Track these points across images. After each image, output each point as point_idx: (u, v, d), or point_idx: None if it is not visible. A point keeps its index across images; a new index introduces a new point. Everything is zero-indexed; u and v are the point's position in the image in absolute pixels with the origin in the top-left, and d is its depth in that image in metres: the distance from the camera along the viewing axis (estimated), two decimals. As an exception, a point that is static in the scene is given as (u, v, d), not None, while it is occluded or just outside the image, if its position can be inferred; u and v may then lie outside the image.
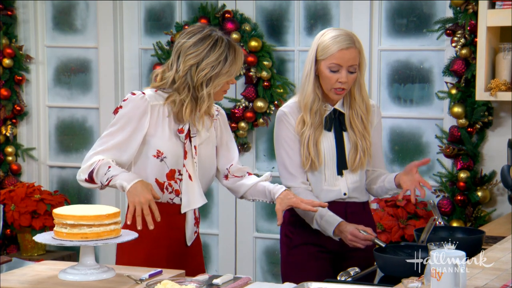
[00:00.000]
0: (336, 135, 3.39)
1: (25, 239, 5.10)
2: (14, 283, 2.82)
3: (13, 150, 5.40)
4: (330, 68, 3.29)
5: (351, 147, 3.39)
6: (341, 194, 3.41)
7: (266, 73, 4.85)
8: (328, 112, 3.39)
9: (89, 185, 3.11)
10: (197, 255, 3.32)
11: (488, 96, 4.26)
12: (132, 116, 3.13)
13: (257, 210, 5.10)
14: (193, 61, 3.12)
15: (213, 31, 3.17)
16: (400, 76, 4.77)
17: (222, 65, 3.12)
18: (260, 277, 5.12)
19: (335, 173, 3.39)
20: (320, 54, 3.31)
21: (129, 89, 5.24)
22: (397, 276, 2.86)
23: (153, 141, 3.14)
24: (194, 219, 3.26)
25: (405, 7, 4.72)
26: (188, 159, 3.18)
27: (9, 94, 5.32)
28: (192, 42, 3.13)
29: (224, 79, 3.13)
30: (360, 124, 3.39)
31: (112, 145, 3.12)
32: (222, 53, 3.12)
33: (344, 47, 3.28)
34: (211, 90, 3.13)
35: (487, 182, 4.52)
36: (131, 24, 5.23)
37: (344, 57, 3.28)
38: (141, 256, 3.17)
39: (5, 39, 5.31)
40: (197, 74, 3.11)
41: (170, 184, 3.17)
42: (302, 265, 3.43)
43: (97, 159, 3.08)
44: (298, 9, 4.92)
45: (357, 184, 3.41)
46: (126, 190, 3.01)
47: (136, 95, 3.15)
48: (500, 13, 4.21)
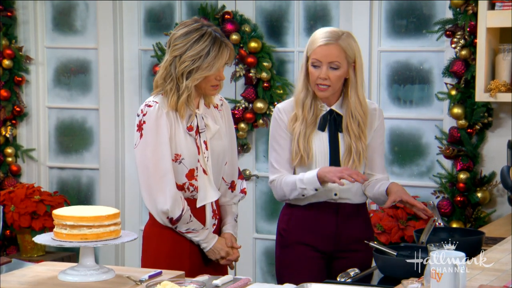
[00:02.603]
0: (330, 135, 3.40)
1: (24, 240, 5.10)
2: (14, 284, 2.82)
3: (12, 151, 5.39)
4: (313, 63, 3.34)
5: (345, 149, 3.38)
6: (331, 194, 3.40)
7: (266, 74, 4.85)
8: (324, 112, 3.40)
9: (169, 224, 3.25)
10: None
11: (488, 97, 4.26)
12: (158, 124, 3.17)
13: (257, 211, 5.10)
14: (177, 52, 3.17)
15: (205, 26, 3.20)
16: (400, 77, 4.77)
17: (203, 59, 3.15)
18: (260, 278, 5.12)
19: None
20: (308, 51, 3.37)
21: (129, 90, 5.24)
22: (396, 277, 2.86)
23: (172, 145, 3.18)
24: (212, 212, 3.31)
25: (405, 8, 4.72)
26: (200, 155, 3.23)
27: (8, 95, 5.32)
28: (180, 34, 3.19)
29: (204, 73, 3.16)
30: (356, 127, 3.38)
31: (167, 157, 3.18)
32: (205, 47, 3.15)
33: (322, 43, 3.32)
34: (190, 83, 3.17)
35: (487, 183, 4.52)
36: (131, 25, 5.23)
37: (322, 52, 3.31)
38: (165, 251, 3.24)
39: (5, 40, 5.31)
40: (179, 65, 3.17)
41: (191, 183, 3.25)
42: (294, 265, 3.43)
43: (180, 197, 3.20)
44: (298, 10, 4.92)
45: (349, 186, 3.38)
46: (206, 250, 3.30)
47: (152, 106, 3.18)
48: (500, 14, 4.21)
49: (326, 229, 3.41)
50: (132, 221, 5.22)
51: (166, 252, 3.24)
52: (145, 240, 3.29)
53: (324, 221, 3.41)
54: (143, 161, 3.18)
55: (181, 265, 3.18)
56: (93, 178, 5.41)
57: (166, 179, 3.15)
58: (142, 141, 3.18)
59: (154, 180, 3.15)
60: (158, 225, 3.23)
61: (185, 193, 3.23)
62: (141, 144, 3.18)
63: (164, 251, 3.24)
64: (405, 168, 4.76)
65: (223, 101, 3.40)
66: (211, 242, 3.27)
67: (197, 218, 3.26)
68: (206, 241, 3.26)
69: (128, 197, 5.29)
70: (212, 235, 3.29)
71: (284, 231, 3.47)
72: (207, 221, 3.30)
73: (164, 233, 3.23)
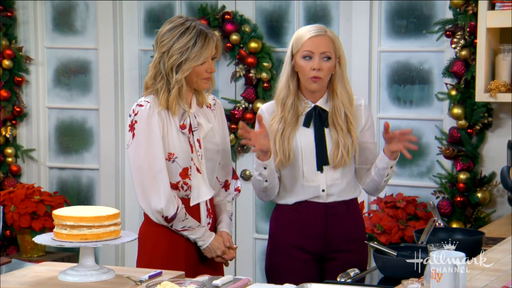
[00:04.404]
0: (316, 131, 3.40)
1: (24, 240, 5.10)
2: (14, 284, 2.82)
3: (12, 151, 5.39)
4: (303, 56, 3.36)
5: (332, 143, 3.39)
6: (319, 190, 3.40)
7: (266, 74, 4.85)
8: (309, 109, 3.41)
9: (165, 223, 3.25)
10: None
11: (488, 97, 4.26)
12: (150, 123, 3.17)
13: (257, 211, 5.10)
14: (165, 48, 3.21)
15: (189, 21, 3.25)
16: (400, 77, 4.77)
17: (190, 50, 3.18)
18: (260, 278, 5.11)
19: (315, 169, 3.39)
20: (294, 47, 3.40)
21: (129, 90, 5.25)
22: (396, 277, 2.86)
23: (165, 145, 3.18)
24: (207, 211, 3.31)
25: (405, 8, 4.72)
26: (194, 153, 3.23)
27: (8, 95, 5.32)
28: (166, 30, 3.23)
29: (192, 63, 3.19)
30: (342, 121, 3.39)
31: (160, 157, 3.18)
32: (191, 39, 3.19)
33: (313, 35, 3.36)
34: (180, 75, 3.19)
35: (487, 183, 4.52)
36: (131, 25, 5.23)
37: (314, 43, 3.35)
38: (161, 251, 3.25)
39: (5, 40, 5.31)
40: (168, 60, 3.20)
41: (185, 182, 3.24)
42: (285, 268, 3.43)
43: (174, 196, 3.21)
44: (298, 10, 4.92)
45: (337, 182, 3.40)
46: (203, 248, 3.29)
47: (143, 106, 3.19)
48: (500, 14, 4.21)
49: (315, 230, 3.41)
50: (132, 221, 5.22)
51: (161, 251, 3.23)
52: (141, 240, 3.28)
53: (312, 222, 3.41)
54: (136, 161, 3.19)
55: (177, 265, 3.18)
56: (93, 178, 5.41)
57: (159, 178, 3.16)
58: (135, 141, 3.18)
59: (148, 180, 3.16)
60: (153, 225, 3.23)
61: (179, 192, 3.23)
62: (134, 144, 3.19)
63: (159, 251, 3.24)
64: (405, 168, 4.76)
65: (216, 100, 3.41)
66: (208, 240, 3.28)
67: (191, 217, 3.26)
68: (202, 239, 3.27)
69: (128, 197, 5.28)
70: (209, 233, 3.29)
71: (273, 233, 3.48)
72: (202, 220, 3.30)
73: (159, 232, 3.24)
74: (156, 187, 3.16)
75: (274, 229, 3.49)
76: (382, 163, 3.38)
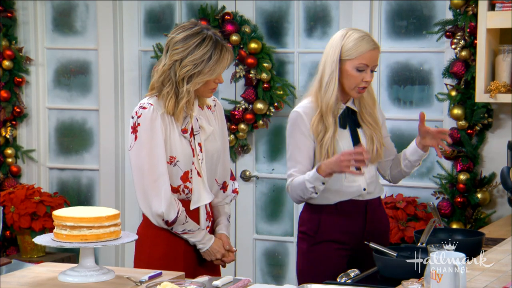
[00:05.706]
0: (351, 132, 3.48)
1: (24, 241, 5.10)
2: (14, 284, 2.82)
3: (12, 152, 5.39)
4: (358, 68, 3.39)
5: (367, 140, 3.48)
6: (361, 189, 3.47)
7: (266, 75, 4.85)
8: (342, 110, 3.47)
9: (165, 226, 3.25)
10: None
11: (488, 98, 4.26)
12: (153, 127, 3.16)
13: (257, 212, 5.10)
14: (178, 57, 3.16)
15: (204, 29, 3.19)
16: (400, 77, 4.77)
17: (205, 64, 3.14)
18: (260, 279, 5.12)
19: (354, 169, 3.40)
20: (346, 54, 3.39)
21: (129, 90, 5.25)
22: (396, 278, 2.86)
23: (167, 148, 3.17)
24: (206, 214, 3.31)
25: (405, 9, 4.72)
26: (195, 157, 3.23)
27: (8, 96, 5.32)
28: (180, 38, 3.17)
29: (205, 77, 3.16)
30: (370, 119, 3.50)
31: (162, 160, 3.18)
32: (207, 52, 3.14)
33: (371, 48, 3.40)
34: (191, 87, 3.17)
35: (486, 184, 4.52)
36: (131, 26, 5.23)
37: (372, 57, 3.40)
38: (159, 252, 3.24)
39: (5, 41, 5.31)
40: (179, 70, 3.15)
41: (186, 186, 3.24)
42: (322, 260, 3.46)
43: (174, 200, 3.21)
44: (298, 11, 4.92)
45: (373, 179, 3.52)
46: (202, 251, 3.30)
47: (147, 108, 3.17)
48: (500, 15, 4.21)
49: (356, 227, 3.48)
50: (132, 221, 5.21)
51: (160, 253, 3.23)
52: (139, 241, 3.28)
53: (353, 219, 3.47)
54: (138, 163, 3.18)
55: (175, 266, 3.18)
56: (93, 179, 5.41)
57: (161, 181, 3.15)
58: (137, 143, 3.17)
59: (149, 183, 3.15)
60: (152, 227, 3.23)
61: (180, 195, 3.23)
62: (136, 146, 3.18)
63: (158, 252, 3.23)
64: (405, 169, 4.76)
65: (216, 101, 3.40)
66: (208, 244, 3.28)
67: (192, 219, 3.26)
68: (202, 242, 3.27)
69: (128, 198, 5.28)
70: (209, 236, 3.29)
71: (314, 232, 3.48)
72: (201, 223, 3.29)
73: (158, 234, 3.23)
74: (157, 191, 3.15)
75: (313, 227, 3.48)
76: (415, 156, 3.51)
